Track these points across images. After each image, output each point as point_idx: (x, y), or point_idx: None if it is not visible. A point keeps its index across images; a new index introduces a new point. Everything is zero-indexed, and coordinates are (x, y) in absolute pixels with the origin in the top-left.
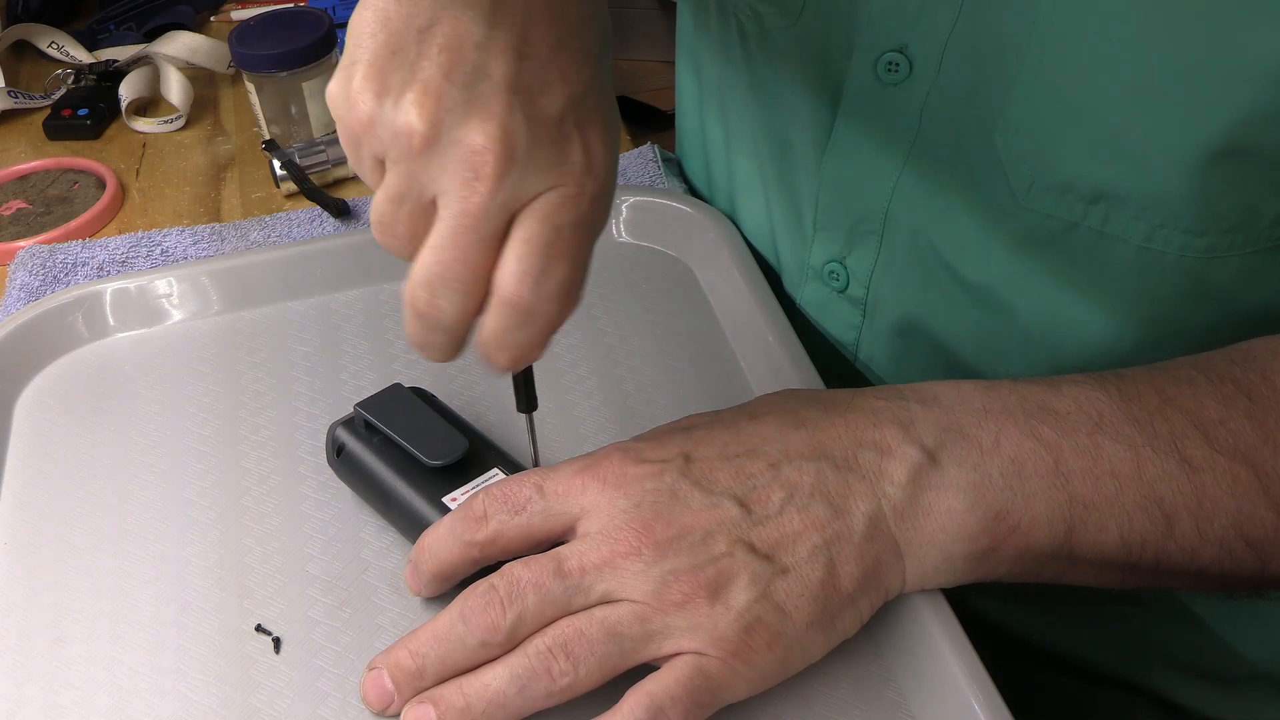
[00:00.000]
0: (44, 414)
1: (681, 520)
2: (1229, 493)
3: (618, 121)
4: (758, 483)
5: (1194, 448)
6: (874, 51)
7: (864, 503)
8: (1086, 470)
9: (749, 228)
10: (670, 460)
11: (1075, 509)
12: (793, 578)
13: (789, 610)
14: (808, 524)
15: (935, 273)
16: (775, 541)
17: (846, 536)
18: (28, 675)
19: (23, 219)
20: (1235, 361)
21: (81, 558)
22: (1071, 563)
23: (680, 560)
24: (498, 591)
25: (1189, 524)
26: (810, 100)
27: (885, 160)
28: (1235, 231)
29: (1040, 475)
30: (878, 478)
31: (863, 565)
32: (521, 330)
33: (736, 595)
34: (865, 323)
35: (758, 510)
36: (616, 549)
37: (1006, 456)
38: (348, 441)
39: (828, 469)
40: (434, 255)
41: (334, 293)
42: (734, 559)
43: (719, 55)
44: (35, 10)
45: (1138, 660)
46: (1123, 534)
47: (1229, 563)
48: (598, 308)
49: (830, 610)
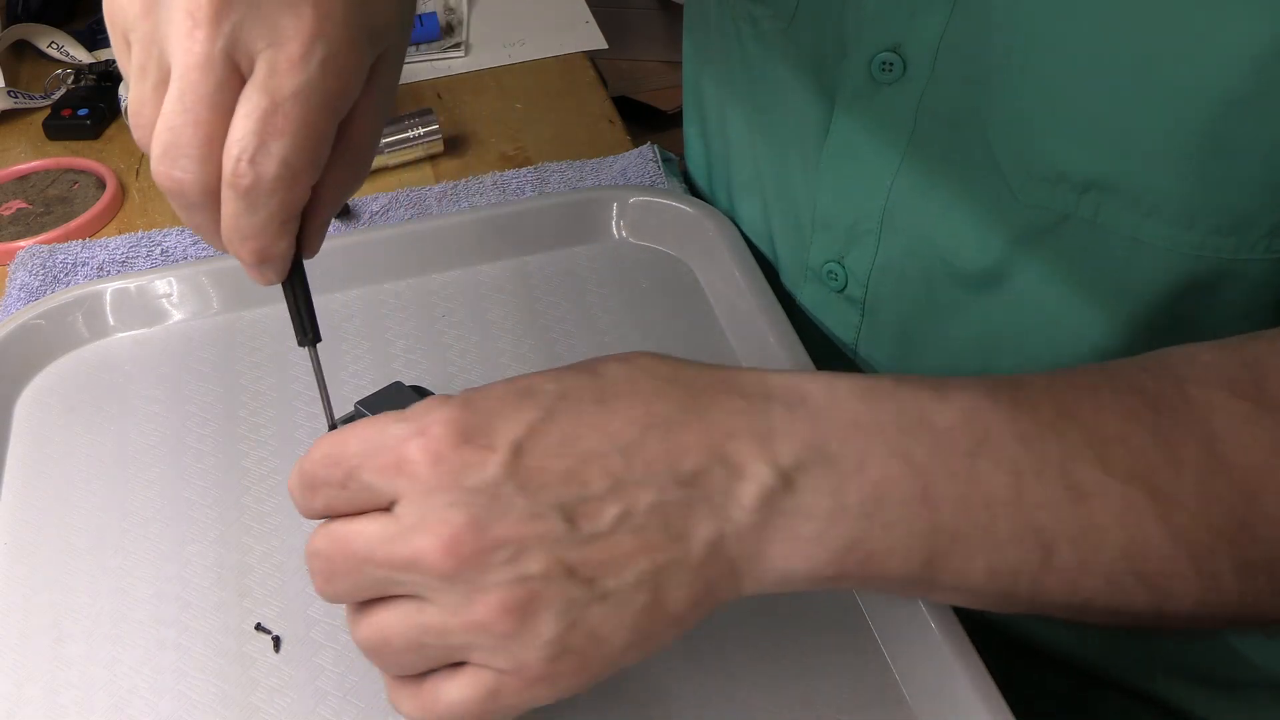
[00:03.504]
0: (44, 414)
1: (495, 531)
2: (1118, 521)
3: (383, 7)
4: (591, 494)
5: (1084, 470)
6: (868, 51)
7: (705, 527)
8: (958, 498)
9: (749, 228)
10: (498, 450)
11: (939, 539)
12: (612, 604)
13: (603, 637)
14: (639, 547)
15: (933, 271)
16: (599, 564)
17: (681, 562)
18: (28, 675)
19: (23, 219)
20: (1147, 369)
21: (81, 558)
22: (931, 588)
23: (489, 576)
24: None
25: (1069, 555)
26: (807, 101)
27: (882, 159)
28: (1225, 234)
29: (904, 503)
30: (724, 500)
31: (694, 590)
32: (250, 215)
33: (546, 623)
34: (864, 322)
35: (585, 527)
36: (424, 553)
37: (869, 481)
38: None
39: (671, 486)
40: (165, 122)
41: (334, 293)
42: (548, 583)
43: (721, 57)
44: (35, 10)
45: (1141, 665)
46: (990, 565)
47: (1118, 597)
48: (597, 308)
49: (652, 635)
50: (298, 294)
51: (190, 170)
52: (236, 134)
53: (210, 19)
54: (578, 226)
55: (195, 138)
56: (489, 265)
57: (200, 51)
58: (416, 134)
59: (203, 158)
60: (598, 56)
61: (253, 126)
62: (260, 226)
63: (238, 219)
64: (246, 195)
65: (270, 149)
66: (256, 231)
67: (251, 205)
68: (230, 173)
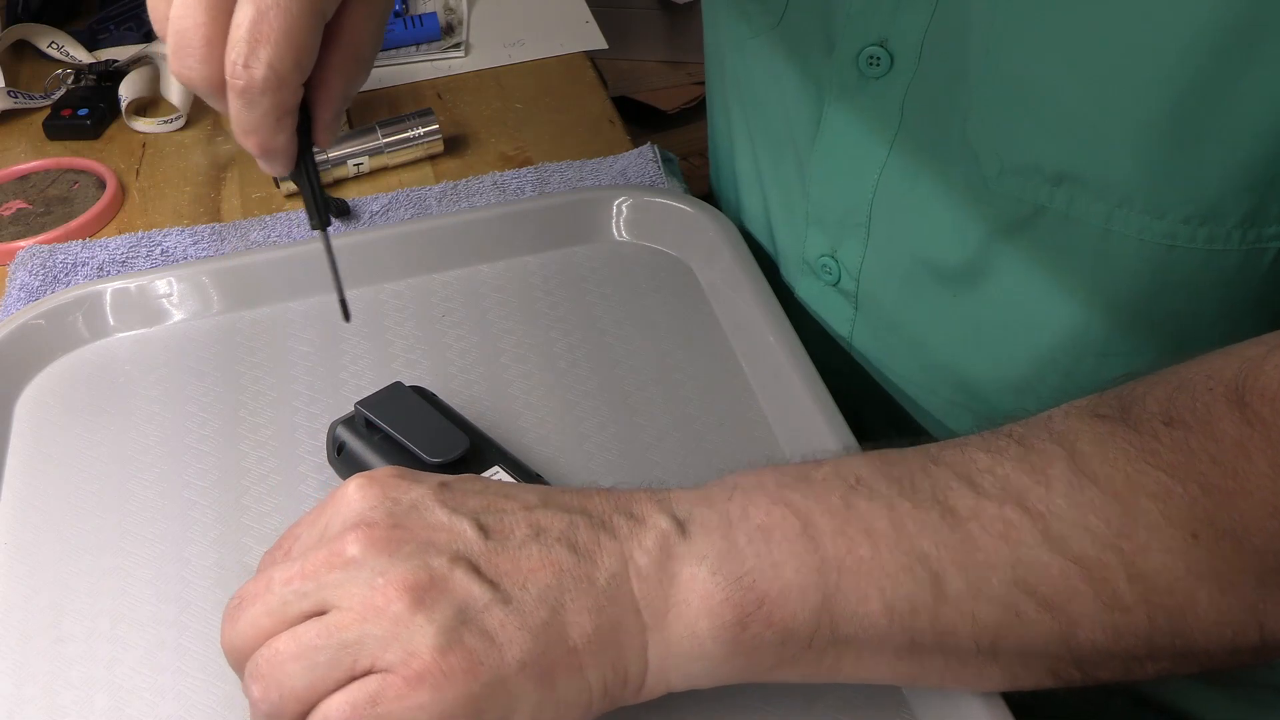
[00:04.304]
0: (44, 414)
1: (410, 528)
2: (1001, 539)
3: None
4: (506, 517)
5: (957, 498)
6: (855, 46)
7: (611, 560)
8: (838, 530)
9: (751, 223)
10: (425, 483)
11: (828, 574)
12: (513, 609)
13: (499, 641)
14: (546, 563)
15: (917, 265)
16: (505, 572)
17: (586, 586)
18: (28, 675)
19: (23, 219)
20: (1020, 423)
21: (81, 558)
22: (843, 645)
23: (393, 563)
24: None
25: (959, 581)
26: (800, 96)
27: (869, 153)
28: (1195, 223)
29: (788, 539)
30: (628, 540)
31: (596, 620)
32: (249, 112)
33: (442, 609)
34: (857, 315)
35: (496, 538)
36: (334, 547)
37: (754, 524)
38: (348, 440)
39: (581, 522)
40: (173, 25)
41: (334, 292)
42: (451, 573)
43: (723, 53)
44: (35, 10)
45: None
46: (886, 600)
47: (1022, 628)
48: (598, 308)
49: (549, 660)
50: (309, 182)
51: (195, 68)
52: (231, 38)
53: None
54: (578, 226)
55: (197, 39)
56: (489, 265)
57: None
58: (416, 134)
59: (205, 58)
60: (598, 56)
61: (242, 34)
62: (258, 122)
63: (238, 115)
64: (242, 95)
65: (259, 54)
66: (255, 126)
67: (249, 104)
68: (229, 74)
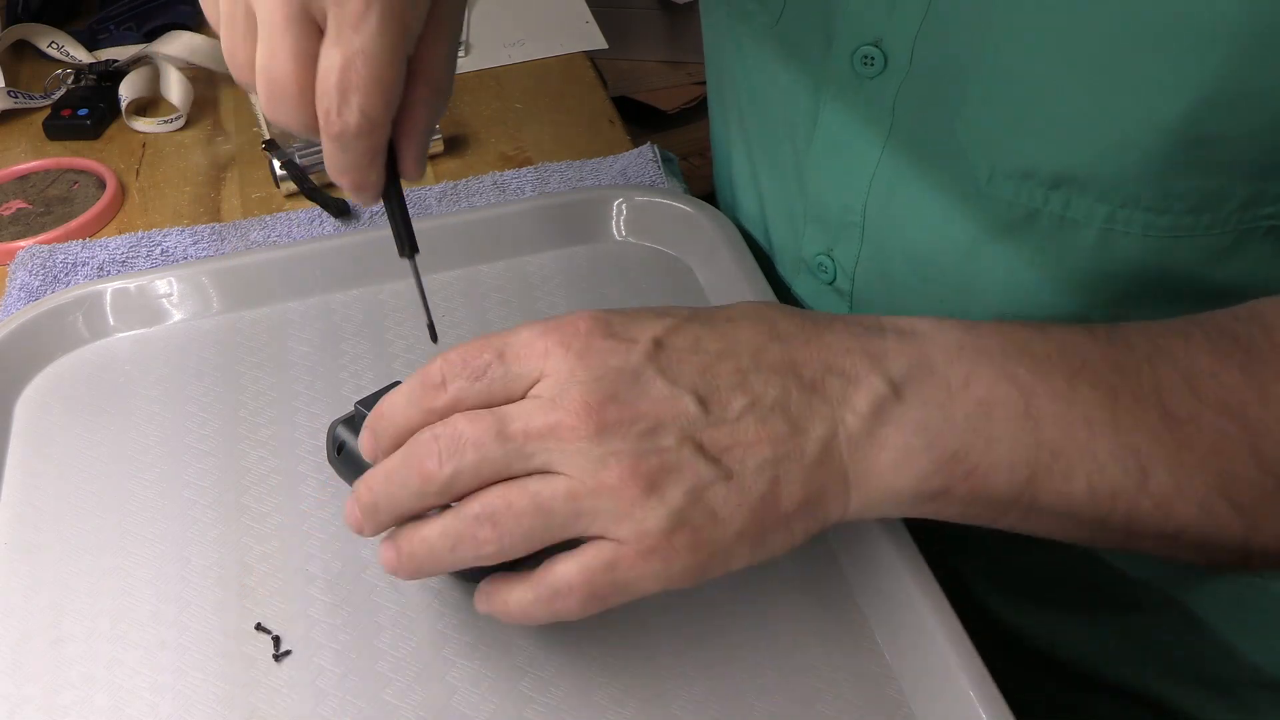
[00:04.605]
0: (44, 414)
1: (637, 405)
2: (1212, 449)
3: None
4: (722, 384)
5: (1178, 399)
6: (850, 45)
7: (822, 426)
8: (1059, 415)
9: (747, 221)
10: (639, 341)
11: (1041, 454)
12: (734, 486)
13: (722, 518)
14: (762, 436)
15: (910, 264)
16: (726, 446)
17: (797, 457)
18: (28, 675)
19: (23, 219)
20: (1239, 318)
21: (81, 558)
22: (1032, 511)
23: (625, 445)
24: (438, 443)
25: (1166, 478)
26: (797, 95)
27: (864, 153)
28: (1199, 212)
29: (1009, 419)
30: (840, 404)
31: (806, 489)
32: (343, 154)
33: (672, 492)
34: (852, 314)
35: (716, 412)
36: (565, 420)
37: (974, 398)
38: (348, 440)
39: (793, 386)
40: (262, 75)
41: (334, 293)
42: (679, 455)
43: (724, 54)
44: (35, 10)
45: (1138, 666)
46: (1091, 484)
47: (1209, 526)
48: (598, 307)
49: (764, 525)
50: (398, 212)
51: (290, 114)
52: (321, 89)
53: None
54: (578, 226)
55: (289, 89)
56: (489, 265)
57: (281, 14)
58: None
59: (298, 105)
60: (598, 56)
61: (333, 83)
62: (353, 163)
63: (333, 157)
64: (338, 140)
65: (350, 101)
66: (350, 167)
67: (343, 147)
68: (322, 122)
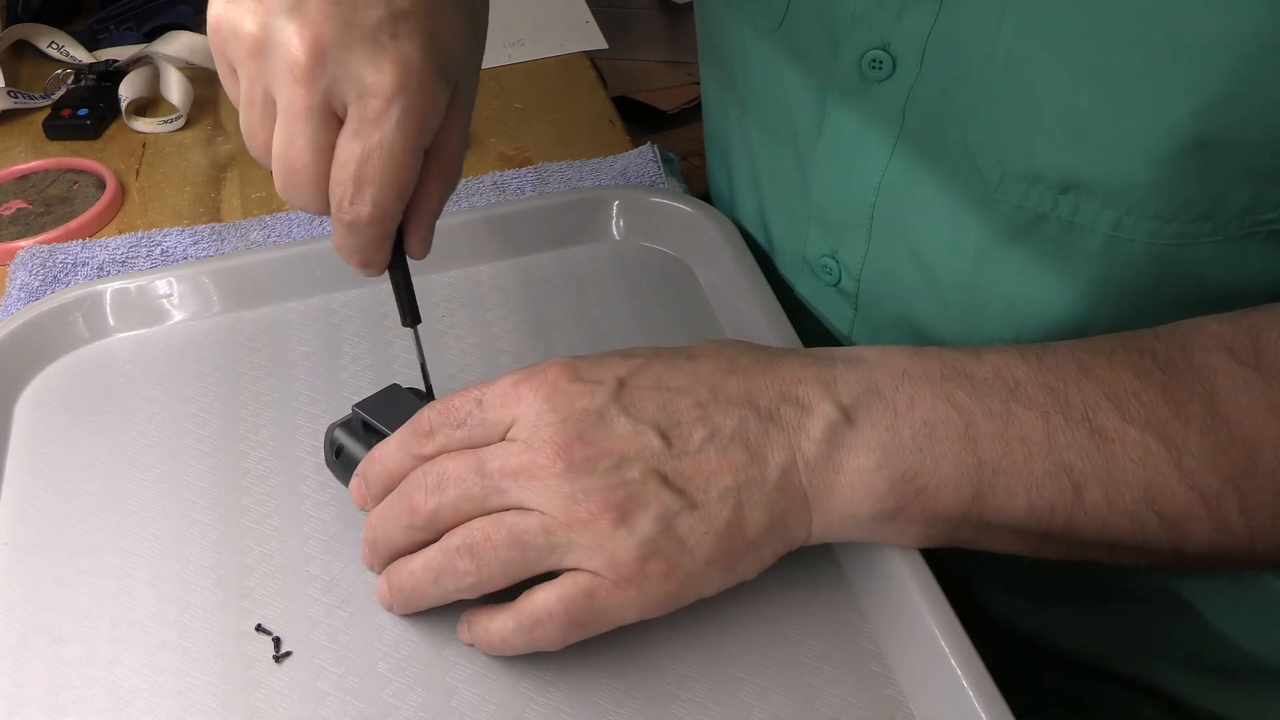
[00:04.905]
0: (44, 414)
1: (602, 443)
2: (1139, 464)
3: (455, 43)
4: (683, 418)
5: (1105, 418)
6: (858, 49)
7: (780, 454)
8: (997, 435)
9: (749, 222)
10: (604, 382)
11: (984, 473)
12: (699, 514)
13: (690, 545)
14: (723, 465)
15: (917, 266)
16: (689, 477)
17: (759, 484)
18: (28, 675)
19: (23, 219)
20: (1159, 337)
21: (81, 558)
22: (983, 528)
23: (593, 480)
24: (426, 479)
25: (1098, 493)
26: (803, 97)
27: (871, 156)
28: (1204, 219)
29: (950, 439)
30: (796, 431)
31: (770, 514)
32: (353, 239)
33: (641, 523)
34: (857, 316)
35: (678, 444)
36: (536, 459)
37: (919, 419)
38: (346, 443)
39: (751, 417)
40: (279, 163)
41: (334, 293)
42: (645, 487)
43: (722, 56)
44: (35, 10)
45: (1138, 655)
46: (1031, 500)
47: (1141, 536)
48: (598, 308)
49: (732, 552)
50: (403, 286)
51: (305, 200)
52: (336, 177)
53: (308, 76)
54: (578, 226)
55: (304, 177)
56: (489, 265)
57: (302, 105)
58: None
59: (314, 191)
60: (598, 56)
61: (349, 174)
62: (362, 246)
63: (343, 240)
64: (349, 227)
65: (364, 193)
66: (358, 249)
67: (353, 233)
68: (334, 209)
